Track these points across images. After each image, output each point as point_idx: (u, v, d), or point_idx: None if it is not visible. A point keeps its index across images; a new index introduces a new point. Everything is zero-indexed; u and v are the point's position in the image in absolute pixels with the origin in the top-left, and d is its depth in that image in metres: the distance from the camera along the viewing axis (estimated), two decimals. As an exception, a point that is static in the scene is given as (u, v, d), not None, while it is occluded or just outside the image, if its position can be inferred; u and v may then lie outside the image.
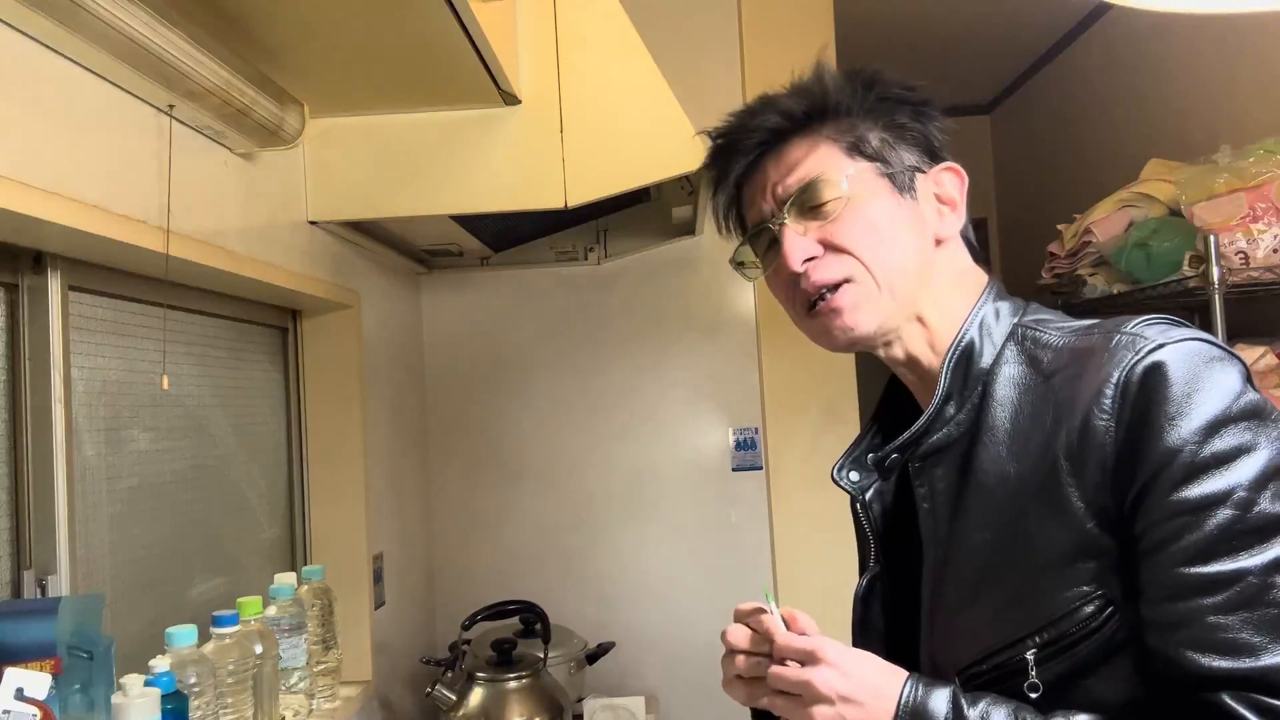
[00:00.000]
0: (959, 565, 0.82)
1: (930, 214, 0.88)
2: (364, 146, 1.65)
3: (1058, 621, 0.75)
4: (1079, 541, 0.74)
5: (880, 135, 0.87)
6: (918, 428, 0.85)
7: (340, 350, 1.87)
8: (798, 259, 0.85)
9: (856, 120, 0.87)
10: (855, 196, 0.85)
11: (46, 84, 1.03)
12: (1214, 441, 0.70)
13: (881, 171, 0.86)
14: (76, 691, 0.96)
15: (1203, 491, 0.69)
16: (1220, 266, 1.79)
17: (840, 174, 0.85)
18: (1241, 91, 2.29)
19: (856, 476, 0.92)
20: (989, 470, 0.80)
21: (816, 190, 0.85)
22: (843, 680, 0.75)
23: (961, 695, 0.75)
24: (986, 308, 0.86)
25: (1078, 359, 0.78)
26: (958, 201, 0.88)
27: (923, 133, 0.89)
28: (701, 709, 2.34)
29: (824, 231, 0.85)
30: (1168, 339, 0.74)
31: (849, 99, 0.87)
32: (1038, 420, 0.78)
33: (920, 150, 0.88)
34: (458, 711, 1.81)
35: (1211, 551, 0.69)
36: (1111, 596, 0.74)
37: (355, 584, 1.84)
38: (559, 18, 1.65)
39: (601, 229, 2.44)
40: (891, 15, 3.10)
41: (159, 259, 1.20)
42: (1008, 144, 4.02)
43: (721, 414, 2.47)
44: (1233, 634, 0.68)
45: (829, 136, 0.87)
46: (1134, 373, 0.73)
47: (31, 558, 1.12)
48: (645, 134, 1.64)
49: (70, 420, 1.16)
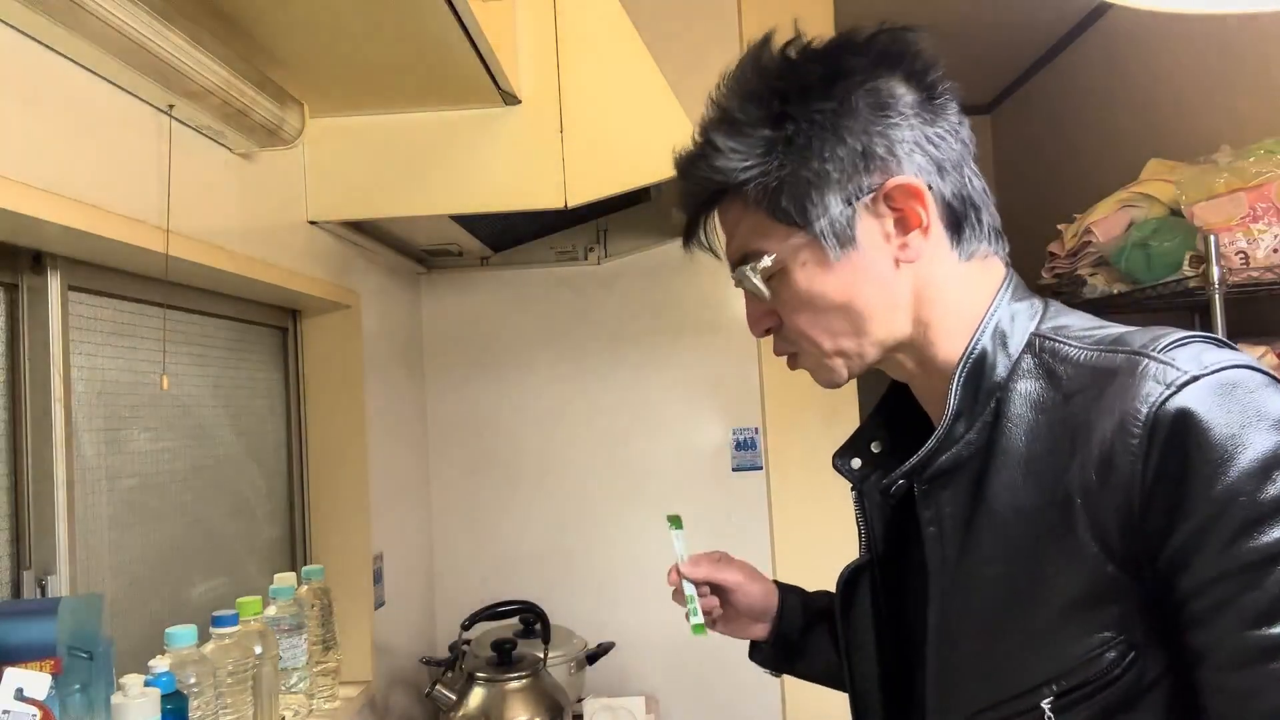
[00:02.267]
0: (969, 600, 0.76)
1: (883, 245, 0.78)
2: (364, 146, 1.65)
3: (1077, 669, 0.69)
4: (1097, 585, 0.68)
5: (792, 187, 0.76)
6: (929, 448, 0.78)
7: (340, 350, 1.87)
8: (758, 331, 0.85)
9: (760, 175, 0.77)
10: (784, 270, 0.79)
11: (46, 84, 1.03)
12: (1269, 487, 0.62)
13: (806, 238, 0.77)
14: (76, 691, 0.96)
15: (1263, 544, 0.61)
16: (1220, 266, 1.79)
17: (766, 250, 0.79)
18: (1241, 91, 2.29)
19: (858, 464, 0.89)
20: (1002, 498, 0.73)
21: (743, 274, 0.81)
22: None
23: None
24: (1002, 311, 0.79)
25: (1099, 380, 0.70)
26: (920, 217, 0.77)
27: (860, 147, 0.76)
28: (701, 709, 2.34)
29: (773, 304, 0.83)
30: (1201, 369, 0.66)
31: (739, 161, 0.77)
32: (1056, 445, 0.71)
33: (860, 169, 0.76)
34: (458, 711, 1.81)
35: (1278, 610, 0.62)
36: (1134, 642, 0.68)
37: (355, 584, 1.84)
38: (559, 18, 1.65)
39: (601, 229, 2.44)
40: (891, 15, 3.10)
41: (159, 259, 1.20)
42: (1008, 144, 4.02)
43: (721, 414, 2.47)
44: None
45: (746, 201, 0.79)
46: (1165, 411, 0.64)
47: (31, 558, 1.12)
48: (645, 134, 1.64)
49: (70, 420, 1.16)
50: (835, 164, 0.76)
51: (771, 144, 0.77)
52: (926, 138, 0.78)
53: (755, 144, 0.77)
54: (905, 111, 0.77)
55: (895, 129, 0.77)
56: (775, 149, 0.77)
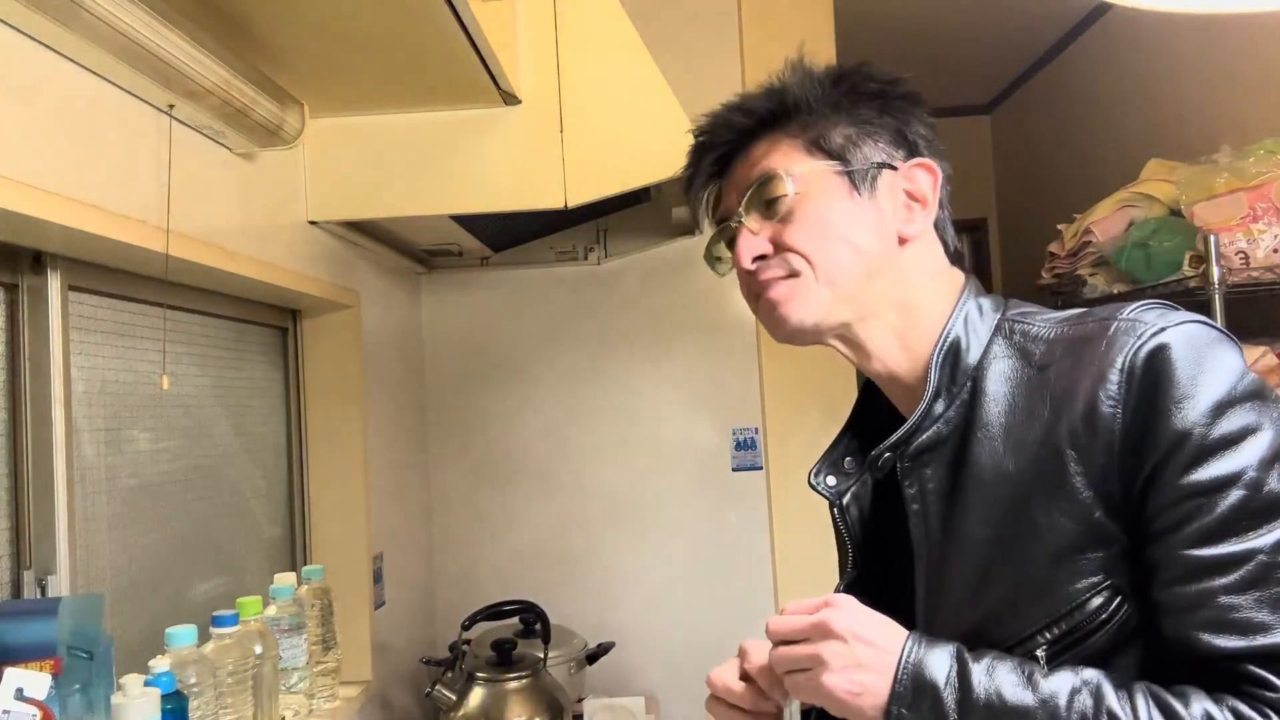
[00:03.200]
0: (959, 564, 0.81)
1: (893, 211, 0.86)
2: (364, 146, 1.65)
3: (1069, 614, 0.74)
4: (1087, 531, 0.74)
5: (845, 132, 0.86)
6: (911, 424, 0.84)
7: (340, 350, 1.87)
8: (747, 257, 0.87)
9: (819, 117, 0.86)
10: (806, 194, 0.85)
11: (46, 84, 1.03)
12: (1221, 423, 0.70)
13: (839, 170, 0.85)
14: (76, 691, 0.96)
15: (1213, 473, 0.70)
16: (1220, 266, 1.79)
17: (794, 170, 0.85)
18: (1241, 91, 2.29)
19: (834, 481, 0.93)
20: (987, 466, 0.79)
21: (768, 187, 0.86)
22: (852, 620, 0.75)
23: (966, 651, 0.74)
24: (969, 304, 0.86)
25: (1073, 348, 0.78)
26: (928, 198, 0.87)
27: (894, 127, 0.87)
28: (701, 709, 2.34)
29: (775, 229, 0.86)
30: (1167, 322, 0.74)
31: (813, 96, 0.87)
32: (1033, 413, 0.77)
33: (890, 146, 0.87)
34: (458, 711, 1.81)
35: (1222, 532, 0.69)
36: (1120, 586, 0.73)
37: (355, 584, 1.84)
38: (559, 18, 1.65)
39: (601, 229, 2.44)
40: (891, 15, 3.10)
41: (159, 259, 1.20)
42: (1008, 144, 4.02)
43: (721, 414, 2.47)
44: (1245, 613, 0.68)
45: (790, 134, 0.87)
46: (1138, 357, 0.72)
47: (31, 558, 1.12)
48: (645, 134, 1.64)
49: (70, 420, 1.16)
50: (879, 127, 0.87)
51: (832, 92, 0.87)
52: (935, 148, 0.90)
53: (821, 85, 0.87)
54: (923, 119, 0.90)
55: (917, 126, 0.89)
56: (834, 96, 0.87)
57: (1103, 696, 0.70)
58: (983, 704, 0.71)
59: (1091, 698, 0.70)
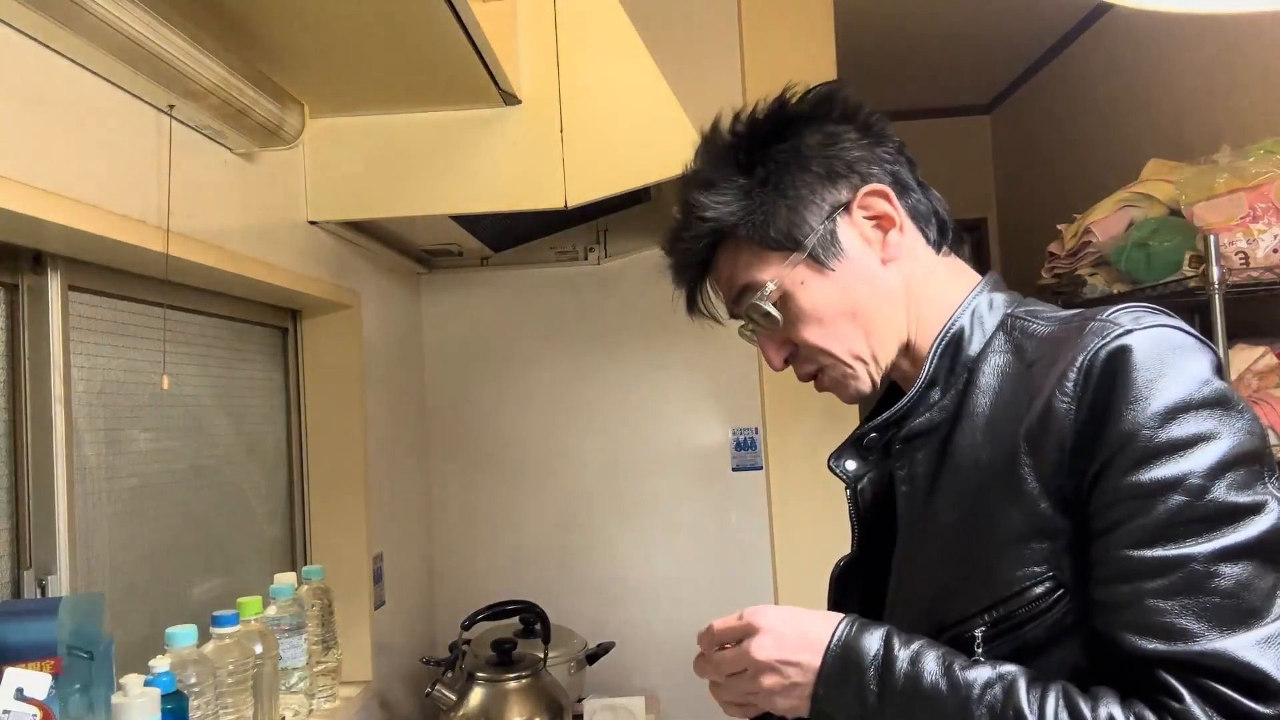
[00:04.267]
0: (925, 545, 0.84)
1: (864, 253, 0.87)
2: (364, 146, 1.65)
3: (1007, 600, 0.76)
4: (1033, 522, 0.75)
5: (783, 214, 0.86)
6: (898, 409, 0.86)
7: (340, 350, 1.87)
8: (778, 362, 0.91)
9: (750, 213, 0.86)
10: (786, 294, 0.87)
11: (46, 84, 1.03)
12: (1172, 427, 0.70)
13: (799, 257, 0.86)
14: (76, 691, 0.96)
15: (1155, 476, 0.70)
16: (1220, 266, 1.79)
17: (762, 280, 0.87)
18: (1241, 91, 2.29)
19: (853, 465, 0.93)
20: (965, 454, 0.81)
21: (749, 303, 0.88)
22: (776, 643, 0.78)
23: (896, 635, 0.76)
24: (981, 298, 0.87)
25: (1053, 347, 0.79)
26: (892, 216, 0.87)
27: (820, 174, 0.86)
28: (701, 709, 2.34)
29: (785, 331, 0.89)
30: (1138, 325, 0.74)
31: (727, 205, 0.86)
32: (1013, 407, 0.79)
33: (828, 189, 0.87)
34: (458, 711, 1.81)
35: (1158, 537, 0.70)
36: (1062, 580, 0.75)
37: (355, 584, 1.84)
38: (559, 18, 1.65)
39: (601, 229, 2.44)
40: (891, 15, 3.10)
41: (159, 259, 1.20)
42: (1008, 144, 4.02)
43: (721, 414, 2.47)
44: (1170, 618, 0.68)
45: (743, 236, 0.87)
46: (1098, 356, 0.73)
47: (31, 558, 1.12)
48: (645, 134, 1.63)
49: (70, 420, 1.16)
50: (807, 188, 0.86)
51: (747, 188, 0.87)
52: (877, 156, 0.88)
53: (734, 191, 0.87)
54: (851, 138, 0.88)
55: (847, 151, 0.87)
56: (752, 191, 0.87)
57: (1013, 692, 0.71)
58: (899, 689, 0.74)
59: (1003, 692, 0.71)
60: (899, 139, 0.91)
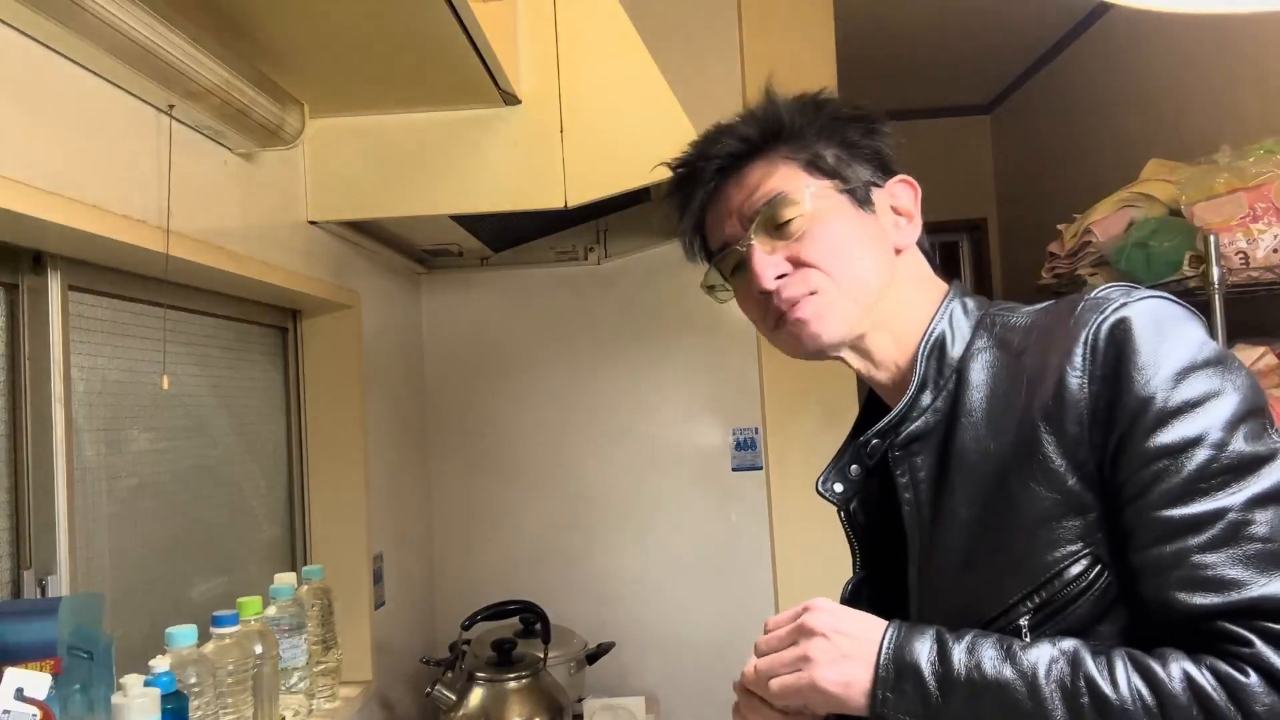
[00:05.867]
0: (947, 546, 0.83)
1: (889, 225, 0.91)
2: (364, 146, 1.65)
3: (1048, 582, 0.76)
4: (1062, 500, 0.76)
5: (835, 153, 0.90)
6: (897, 413, 0.87)
7: (340, 350, 1.87)
8: (769, 277, 0.88)
9: (810, 140, 0.90)
10: (818, 212, 0.88)
11: (46, 84, 1.03)
12: (1183, 388, 0.73)
13: (840, 188, 0.89)
14: (76, 691, 0.96)
15: (1177, 435, 0.72)
16: (1220, 266, 1.79)
17: (802, 191, 0.88)
18: (1241, 91, 2.29)
19: (840, 488, 0.94)
20: (970, 449, 0.82)
21: (781, 207, 0.88)
22: (833, 616, 0.78)
23: (946, 632, 0.76)
24: (954, 304, 0.90)
25: (1045, 331, 0.81)
26: (913, 212, 0.92)
27: (874, 149, 0.92)
28: (701, 709, 2.34)
29: (791, 249, 0.88)
30: (1130, 298, 0.77)
31: (801, 120, 0.90)
32: (1011, 396, 0.81)
33: (874, 166, 0.91)
34: (458, 711, 1.81)
35: (1190, 492, 0.71)
36: (1099, 554, 0.75)
37: (355, 584, 1.84)
38: (559, 18, 1.65)
39: (601, 229, 2.44)
40: (892, 15, 3.10)
41: (159, 259, 1.20)
42: (1008, 144, 4.02)
43: (721, 414, 2.47)
44: (1219, 570, 0.70)
45: (786, 156, 0.89)
46: (1101, 330, 0.76)
47: (31, 558, 1.12)
48: (645, 134, 1.64)
49: (70, 420, 1.16)
50: (862, 150, 0.91)
51: (819, 120, 0.91)
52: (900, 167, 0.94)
53: (809, 108, 0.91)
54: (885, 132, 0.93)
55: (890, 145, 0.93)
56: (821, 118, 0.91)
57: (1080, 663, 0.71)
58: (964, 680, 0.73)
59: (1069, 665, 0.71)
60: None
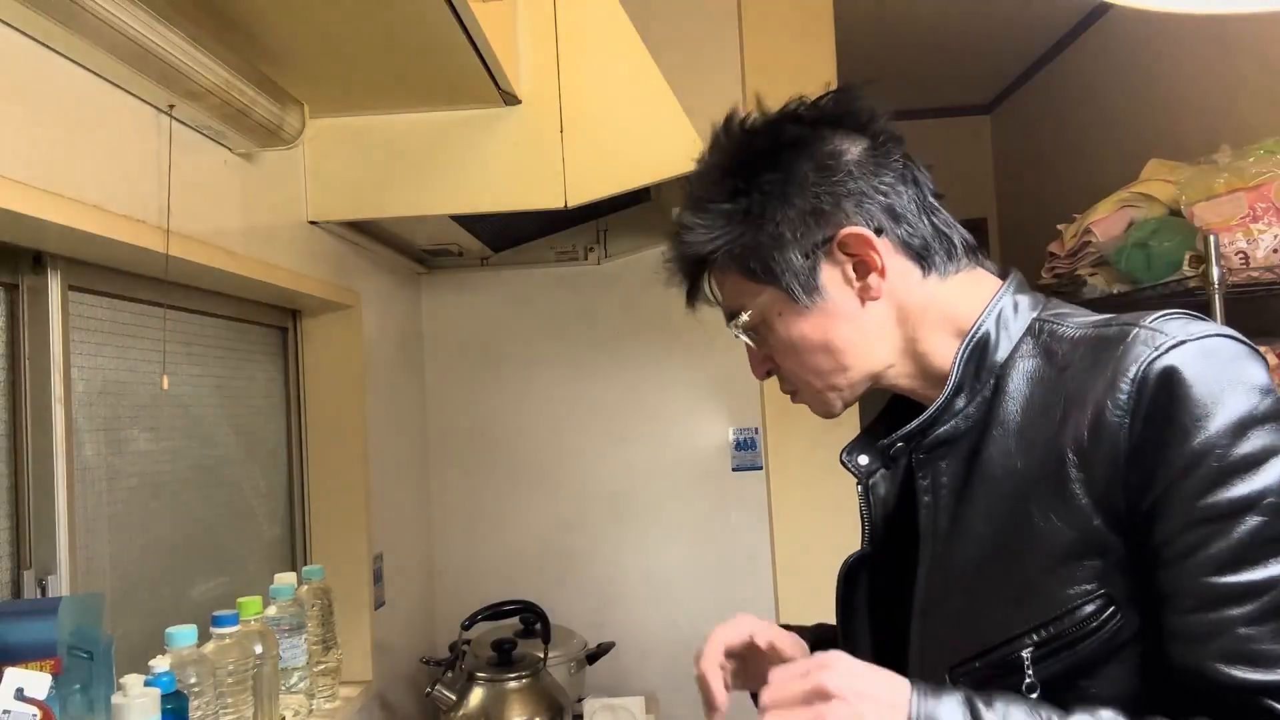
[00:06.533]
0: (958, 559, 0.80)
1: (843, 292, 0.85)
2: (364, 146, 1.65)
3: (1058, 619, 0.73)
4: (1083, 538, 0.72)
5: (762, 252, 0.84)
6: (926, 418, 0.83)
7: (340, 350, 1.87)
8: (760, 374, 0.94)
9: (733, 247, 0.86)
10: (768, 321, 0.88)
11: (46, 84, 1.03)
12: (1242, 444, 0.67)
13: (778, 290, 0.85)
14: (76, 691, 0.96)
15: (1231, 496, 0.67)
16: (1220, 266, 1.79)
17: (750, 301, 0.88)
18: (1241, 91, 2.29)
19: (865, 460, 0.91)
20: (997, 463, 0.78)
21: (739, 319, 0.89)
22: (850, 679, 0.71)
23: (976, 698, 0.71)
24: (1005, 300, 0.84)
25: (1091, 352, 0.76)
26: (875, 259, 0.83)
27: (801, 211, 0.83)
28: (701, 709, 2.34)
29: (766, 349, 0.91)
30: (1188, 335, 0.71)
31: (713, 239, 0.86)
32: (1048, 413, 0.76)
33: (810, 227, 0.83)
34: (458, 711, 1.81)
35: (1241, 559, 0.67)
36: (1114, 596, 0.72)
37: (355, 584, 1.84)
38: (559, 18, 1.65)
39: (601, 229, 2.44)
40: (892, 15, 3.10)
41: (159, 259, 1.20)
42: (1008, 144, 4.02)
43: (721, 414, 2.47)
44: (1263, 645, 0.66)
45: (724, 265, 0.88)
46: (1152, 369, 0.70)
47: (31, 558, 1.12)
48: (645, 134, 1.63)
49: (70, 420, 1.16)
50: (788, 225, 0.84)
51: (731, 216, 0.85)
52: (874, 188, 0.84)
53: (717, 218, 0.86)
54: (849, 168, 0.84)
55: (840, 185, 0.83)
56: (735, 219, 0.85)
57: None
58: None
59: None
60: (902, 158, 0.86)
